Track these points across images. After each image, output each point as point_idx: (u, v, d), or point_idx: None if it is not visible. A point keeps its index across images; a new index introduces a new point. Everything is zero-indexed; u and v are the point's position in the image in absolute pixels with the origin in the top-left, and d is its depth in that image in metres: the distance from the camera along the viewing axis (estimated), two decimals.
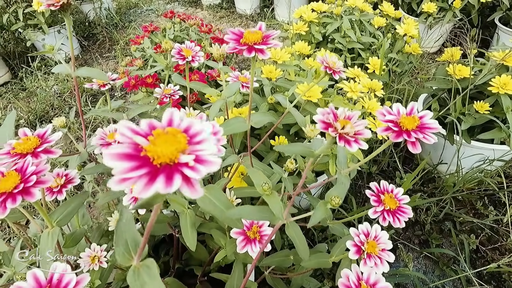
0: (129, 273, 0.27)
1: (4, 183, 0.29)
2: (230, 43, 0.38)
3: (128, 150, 0.17)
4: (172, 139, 0.18)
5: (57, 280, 0.28)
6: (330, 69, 0.46)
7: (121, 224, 0.30)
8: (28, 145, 0.33)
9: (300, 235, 0.36)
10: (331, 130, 0.30)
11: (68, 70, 0.49)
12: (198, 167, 0.17)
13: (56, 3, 0.41)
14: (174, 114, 0.21)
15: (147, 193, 0.16)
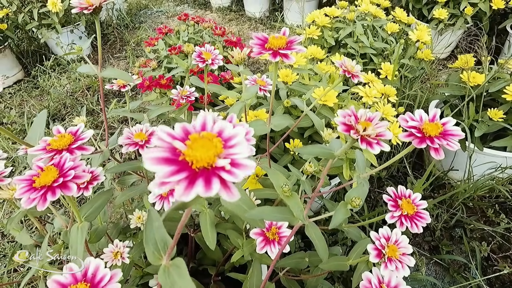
0: (159, 272, 0.28)
1: (44, 177, 0.31)
2: (255, 48, 0.39)
3: (166, 154, 0.17)
4: (208, 143, 0.18)
5: (91, 275, 0.29)
6: (349, 73, 0.47)
7: (149, 224, 0.31)
8: (64, 141, 0.35)
9: (319, 236, 0.37)
10: (353, 132, 0.31)
11: (94, 71, 0.51)
12: (235, 171, 0.18)
13: (90, 7, 0.42)
14: (207, 118, 0.22)
15: (189, 197, 0.16)
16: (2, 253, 0.98)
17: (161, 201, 0.38)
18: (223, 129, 0.21)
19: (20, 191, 0.31)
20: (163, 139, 0.19)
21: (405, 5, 1.64)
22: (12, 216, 0.48)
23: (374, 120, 0.30)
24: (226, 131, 0.21)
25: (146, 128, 0.43)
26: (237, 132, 0.20)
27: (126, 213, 0.72)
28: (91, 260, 0.31)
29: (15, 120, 1.45)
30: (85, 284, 0.28)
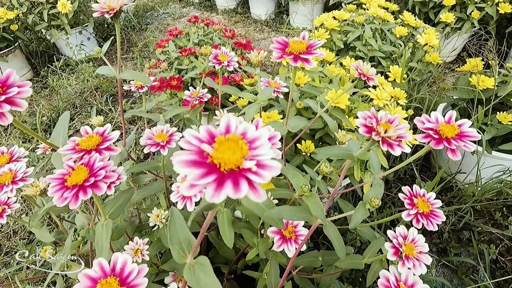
0: (185, 269, 0.29)
1: (75, 177, 0.32)
2: (275, 52, 0.40)
3: (194, 157, 0.18)
4: (234, 145, 0.19)
5: (119, 270, 0.30)
6: (364, 76, 0.48)
7: (173, 224, 0.32)
8: (92, 142, 0.36)
9: (337, 235, 0.38)
10: (374, 134, 0.32)
11: (113, 72, 0.52)
12: (261, 172, 0.18)
13: (111, 11, 0.44)
14: (231, 120, 0.22)
15: (219, 199, 0.17)
16: (14, 249, 0.99)
17: (183, 200, 0.39)
18: (247, 131, 0.21)
19: (53, 189, 0.32)
20: (191, 143, 0.19)
21: (411, 8, 1.65)
22: (34, 213, 0.49)
23: (394, 122, 0.31)
24: (250, 133, 0.21)
25: (167, 129, 0.44)
26: (261, 134, 0.21)
27: (139, 211, 0.74)
28: (118, 255, 0.32)
29: (26, 120, 1.47)
30: (114, 278, 0.29)
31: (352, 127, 0.66)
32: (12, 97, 0.30)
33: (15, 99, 0.30)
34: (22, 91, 0.30)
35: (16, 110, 0.31)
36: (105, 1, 0.42)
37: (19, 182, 0.46)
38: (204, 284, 0.26)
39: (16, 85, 0.31)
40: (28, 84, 0.32)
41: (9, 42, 1.76)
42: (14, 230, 1.06)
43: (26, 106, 0.31)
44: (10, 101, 0.30)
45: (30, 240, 1.03)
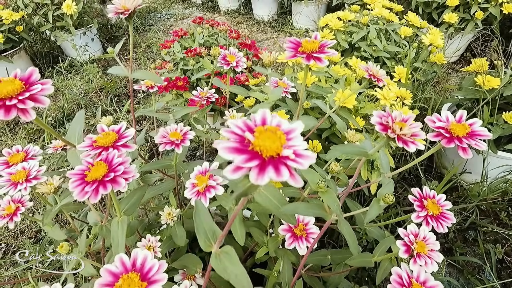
0: (212, 258, 0.30)
1: (94, 172, 0.33)
2: (288, 51, 0.41)
3: (237, 145, 0.20)
4: (273, 135, 0.21)
5: (140, 265, 0.31)
6: (374, 77, 0.49)
7: (198, 216, 0.32)
8: (109, 139, 0.36)
9: (351, 232, 0.38)
10: (390, 132, 0.32)
11: (125, 72, 0.53)
12: (299, 160, 0.20)
13: (126, 12, 0.44)
14: (266, 114, 0.24)
15: (263, 181, 0.19)
16: (22, 248, 1.00)
17: (198, 196, 0.40)
18: (280, 123, 0.23)
19: (73, 184, 0.33)
20: (233, 132, 0.21)
21: (414, 9, 1.66)
22: (47, 211, 0.50)
23: (408, 121, 0.31)
24: (284, 125, 0.23)
25: (181, 127, 0.45)
26: (295, 126, 0.22)
27: (146, 211, 0.74)
28: (138, 251, 0.32)
29: (32, 120, 1.48)
30: (135, 273, 0.30)
31: (359, 127, 0.67)
32: (36, 94, 0.30)
33: (38, 96, 0.31)
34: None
35: (38, 107, 0.31)
36: (120, 2, 0.43)
37: (33, 180, 0.47)
38: (231, 272, 0.27)
39: (39, 82, 0.31)
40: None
41: (14, 43, 1.78)
42: (21, 230, 1.06)
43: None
44: (33, 98, 0.30)
45: (37, 239, 1.04)
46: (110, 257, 0.50)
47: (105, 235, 0.45)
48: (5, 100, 0.30)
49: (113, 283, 0.30)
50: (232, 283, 0.27)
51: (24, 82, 0.31)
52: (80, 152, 0.40)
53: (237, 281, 0.27)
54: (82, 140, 0.43)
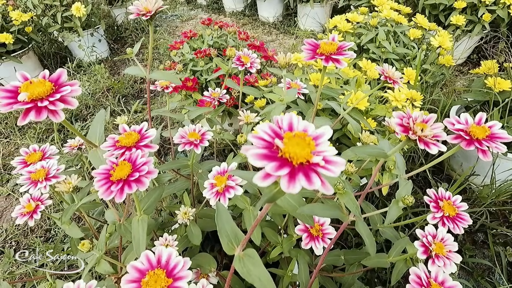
0: (235, 261, 0.30)
1: (119, 172, 0.33)
2: (306, 53, 0.41)
3: (265, 151, 0.20)
4: (302, 142, 0.20)
5: (165, 262, 0.32)
6: (390, 79, 0.49)
7: (219, 218, 0.33)
8: (132, 139, 0.37)
9: (369, 232, 0.39)
10: (411, 133, 0.32)
11: (143, 73, 0.53)
12: (330, 167, 0.20)
13: (148, 13, 0.45)
14: (293, 118, 0.24)
15: (295, 189, 0.18)
16: (32, 246, 1.01)
17: (217, 196, 0.40)
18: (307, 128, 0.23)
19: (98, 183, 0.33)
20: (262, 138, 0.21)
21: (421, 11, 1.66)
22: (65, 209, 0.50)
23: (429, 122, 0.32)
24: (310, 130, 0.23)
25: (199, 128, 0.46)
26: (323, 131, 0.22)
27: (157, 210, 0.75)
28: (162, 249, 0.33)
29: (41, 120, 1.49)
30: (161, 270, 0.30)
31: (371, 128, 0.67)
32: (65, 96, 0.31)
33: (67, 97, 0.31)
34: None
35: (67, 108, 0.32)
36: (142, 4, 0.44)
37: (52, 179, 0.48)
38: (255, 276, 0.27)
39: (68, 84, 0.32)
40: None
41: (23, 43, 1.80)
42: (31, 228, 1.07)
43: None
44: (63, 100, 0.31)
45: (47, 238, 1.05)
46: (127, 255, 0.50)
47: (123, 234, 0.46)
48: (36, 101, 0.30)
49: (139, 279, 0.30)
50: (256, 286, 0.28)
51: (53, 84, 0.32)
52: (102, 152, 0.41)
53: (261, 284, 0.27)
54: (103, 140, 0.44)
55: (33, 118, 0.31)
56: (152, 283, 0.30)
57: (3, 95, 0.31)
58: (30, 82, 0.32)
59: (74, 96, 0.32)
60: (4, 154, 1.35)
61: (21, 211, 0.48)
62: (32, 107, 0.30)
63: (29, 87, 0.31)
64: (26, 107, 0.31)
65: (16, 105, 0.31)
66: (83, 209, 0.54)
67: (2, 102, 0.31)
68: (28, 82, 0.32)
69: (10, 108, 0.31)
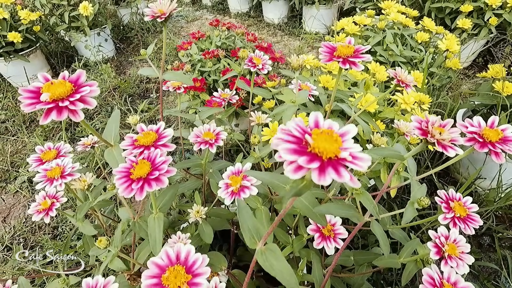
0: (257, 255, 0.31)
1: (138, 170, 0.34)
2: (323, 55, 0.42)
3: (295, 146, 0.21)
4: (330, 138, 0.22)
5: (184, 258, 0.32)
6: (403, 82, 0.50)
7: (241, 215, 0.33)
8: (150, 138, 0.38)
9: (383, 233, 0.39)
10: (430, 137, 0.33)
11: (156, 74, 0.54)
12: (357, 162, 0.21)
13: (163, 15, 0.46)
14: (318, 116, 0.25)
15: (326, 181, 0.20)
16: (40, 244, 1.02)
17: (232, 196, 0.41)
18: (332, 126, 0.24)
19: (118, 181, 0.34)
20: (292, 134, 0.22)
21: (427, 14, 1.66)
22: (79, 207, 0.51)
23: (446, 126, 0.32)
24: (334, 127, 0.24)
25: (213, 128, 0.46)
26: (348, 129, 0.23)
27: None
28: (181, 245, 0.33)
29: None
30: (181, 266, 0.31)
31: (380, 130, 0.67)
32: (85, 96, 0.32)
33: (86, 97, 0.32)
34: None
35: (86, 108, 0.33)
36: (157, 6, 0.45)
37: (67, 177, 0.48)
38: (278, 269, 0.28)
39: (87, 85, 0.33)
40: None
41: (31, 42, 1.81)
42: (39, 225, 1.08)
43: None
44: (82, 100, 0.32)
45: (54, 235, 1.06)
46: (140, 252, 0.51)
47: (137, 231, 0.47)
48: (57, 101, 0.31)
49: (159, 274, 0.31)
50: (279, 280, 0.28)
51: (73, 84, 0.33)
52: (118, 151, 0.42)
53: (284, 278, 0.28)
54: (118, 139, 0.45)
55: (54, 117, 0.31)
56: (172, 278, 0.30)
57: (26, 95, 0.32)
58: (51, 83, 0.33)
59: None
60: (11, 152, 1.36)
61: (37, 208, 0.48)
62: (54, 107, 0.31)
63: (51, 87, 0.32)
64: (48, 107, 0.31)
65: (38, 105, 0.31)
66: (97, 207, 0.54)
67: (25, 102, 0.31)
68: (49, 83, 0.33)
69: (33, 108, 0.31)
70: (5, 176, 1.27)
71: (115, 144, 0.42)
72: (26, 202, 1.17)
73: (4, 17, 1.62)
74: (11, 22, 1.71)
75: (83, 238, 0.57)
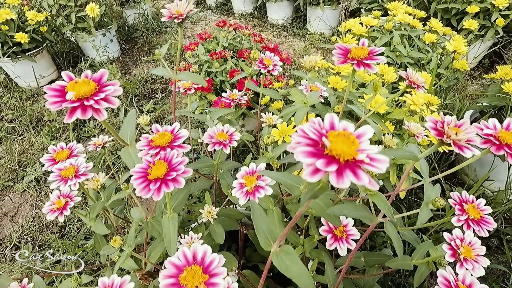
0: (273, 256, 0.31)
1: (156, 170, 0.34)
2: (337, 57, 0.42)
3: (312, 149, 0.21)
4: (347, 140, 0.21)
5: (201, 259, 0.32)
6: (414, 84, 0.50)
7: (255, 216, 0.34)
8: (165, 139, 0.38)
9: (396, 234, 0.39)
10: (446, 137, 0.33)
11: (170, 74, 0.54)
12: (375, 164, 0.21)
13: (180, 16, 0.46)
14: (334, 118, 0.25)
15: (345, 184, 0.19)
16: (47, 243, 1.03)
17: (247, 196, 0.41)
18: (347, 127, 0.24)
19: (136, 181, 0.34)
20: (309, 137, 0.22)
21: (433, 15, 1.66)
22: (92, 206, 0.52)
23: (462, 127, 0.32)
24: (349, 129, 0.24)
25: (227, 129, 0.47)
26: (365, 130, 0.23)
27: None
28: (197, 246, 0.34)
29: (55, 118, 1.52)
30: (198, 266, 0.31)
31: (389, 131, 0.67)
32: (109, 95, 0.32)
33: (110, 97, 0.32)
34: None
35: (110, 107, 0.33)
36: (173, 7, 0.45)
37: (81, 176, 0.49)
38: (294, 272, 0.28)
39: (110, 84, 0.33)
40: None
41: (38, 43, 1.83)
42: (46, 225, 1.09)
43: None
44: (106, 99, 0.32)
45: (62, 234, 1.07)
46: (151, 252, 0.51)
47: (150, 231, 0.47)
48: (82, 100, 0.31)
49: (177, 274, 0.31)
50: (296, 282, 0.28)
51: (96, 84, 0.33)
52: (134, 151, 0.42)
53: (300, 281, 0.28)
54: (134, 139, 0.45)
55: (79, 116, 0.31)
56: (190, 278, 0.30)
57: (51, 93, 0.32)
58: (75, 82, 0.33)
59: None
60: (19, 151, 1.38)
61: (52, 207, 0.49)
62: (79, 105, 0.31)
63: (75, 86, 0.32)
64: (73, 105, 0.32)
65: (64, 103, 0.32)
66: (110, 206, 0.55)
67: (50, 101, 0.32)
68: (74, 81, 0.33)
69: (59, 106, 0.32)
70: (13, 175, 1.28)
71: (131, 144, 0.42)
72: (34, 201, 1.18)
73: (11, 18, 1.63)
74: (19, 22, 1.73)
75: (94, 238, 0.58)
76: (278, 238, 0.31)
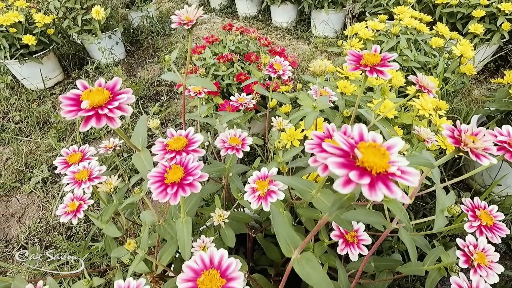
0: (294, 263, 0.31)
1: (172, 175, 0.35)
2: (349, 64, 0.42)
3: (343, 160, 0.21)
4: (378, 152, 0.21)
5: (218, 263, 0.33)
6: (425, 88, 0.50)
7: (276, 223, 0.34)
8: (180, 143, 0.38)
9: (410, 240, 0.39)
10: (463, 145, 0.33)
11: (179, 79, 0.55)
12: (406, 177, 0.21)
13: (190, 22, 0.47)
14: (363, 128, 0.25)
15: (378, 197, 0.19)
16: (54, 244, 1.03)
17: (259, 201, 0.41)
18: (375, 138, 0.24)
19: (153, 186, 0.35)
20: (339, 147, 0.22)
21: (438, 19, 1.66)
22: (105, 209, 0.52)
23: (479, 135, 0.33)
24: (378, 140, 0.24)
25: (239, 133, 0.47)
26: (395, 142, 0.23)
27: None
28: (214, 250, 0.34)
29: (61, 120, 1.53)
30: (215, 270, 0.32)
31: (398, 136, 0.67)
32: (122, 103, 0.32)
33: (123, 105, 0.33)
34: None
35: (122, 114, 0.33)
36: (184, 14, 0.46)
37: (95, 179, 0.49)
38: (315, 279, 0.28)
39: (123, 92, 0.33)
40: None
41: (44, 45, 1.85)
42: (53, 226, 1.10)
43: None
44: (120, 107, 0.32)
45: (68, 236, 1.07)
46: (162, 255, 0.52)
47: (162, 234, 0.47)
48: (96, 109, 0.32)
49: (194, 278, 0.31)
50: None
51: (110, 92, 0.33)
52: (145, 156, 0.42)
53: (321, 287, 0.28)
54: (145, 144, 0.45)
55: (94, 125, 0.32)
56: (208, 282, 0.31)
57: (66, 102, 0.33)
58: (89, 91, 0.34)
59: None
60: (26, 152, 1.39)
61: (65, 210, 0.49)
62: (93, 114, 0.32)
63: (90, 95, 0.32)
64: (88, 114, 0.32)
65: (80, 112, 0.32)
66: (122, 209, 0.55)
67: (65, 109, 0.32)
68: (88, 90, 0.34)
69: (74, 115, 0.32)
70: (20, 176, 1.29)
71: (143, 149, 0.43)
72: (41, 203, 1.18)
73: (19, 20, 1.65)
74: (26, 25, 1.74)
75: (104, 240, 0.58)
76: (300, 245, 0.32)
